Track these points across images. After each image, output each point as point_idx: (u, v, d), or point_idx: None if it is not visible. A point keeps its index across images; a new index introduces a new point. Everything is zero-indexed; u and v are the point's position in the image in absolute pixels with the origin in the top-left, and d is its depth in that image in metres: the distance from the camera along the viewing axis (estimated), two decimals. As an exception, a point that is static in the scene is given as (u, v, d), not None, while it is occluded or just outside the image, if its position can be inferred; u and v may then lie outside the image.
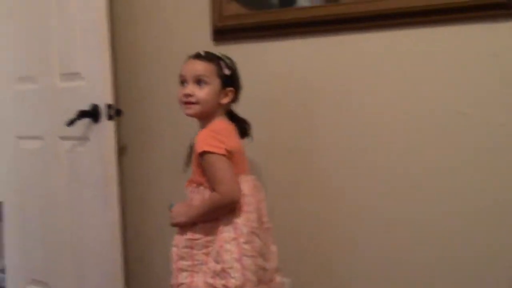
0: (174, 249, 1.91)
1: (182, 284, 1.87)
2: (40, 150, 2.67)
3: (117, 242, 2.43)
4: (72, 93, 2.51)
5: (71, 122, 2.41)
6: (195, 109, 1.90)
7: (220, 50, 2.33)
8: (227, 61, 1.94)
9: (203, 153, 1.83)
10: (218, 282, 1.81)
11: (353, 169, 2.14)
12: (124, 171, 2.67)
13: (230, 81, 1.93)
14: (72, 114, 2.41)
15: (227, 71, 1.92)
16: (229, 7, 2.32)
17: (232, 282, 1.79)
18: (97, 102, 2.41)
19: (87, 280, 2.54)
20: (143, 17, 2.60)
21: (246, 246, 1.83)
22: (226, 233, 1.84)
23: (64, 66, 2.53)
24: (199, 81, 1.89)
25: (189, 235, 1.89)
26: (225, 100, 1.93)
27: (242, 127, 2.01)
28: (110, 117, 2.40)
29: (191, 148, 1.99)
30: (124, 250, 2.48)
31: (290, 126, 2.26)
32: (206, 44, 2.35)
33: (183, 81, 1.93)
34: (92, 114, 2.42)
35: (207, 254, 1.86)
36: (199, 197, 1.90)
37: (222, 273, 1.81)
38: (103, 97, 2.39)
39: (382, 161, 2.09)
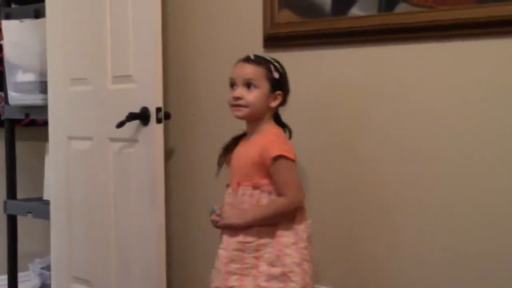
0: (222, 252, 1.90)
1: (231, 287, 1.87)
2: (90, 150, 2.71)
3: (161, 244, 2.45)
4: (123, 95, 2.55)
5: (120, 124, 2.44)
6: (244, 111, 1.92)
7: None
8: (276, 64, 1.96)
9: (277, 157, 1.84)
10: (275, 285, 1.83)
11: (403, 175, 2.11)
12: (170, 174, 2.69)
13: (279, 85, 1.94)
14: (122, 116, 2.44)
15: (276, 75, 1.93)
16: (281, 15, 2.33)
17: (292, 286, 1.82)
18: (147, 105, 2.44)
19: (129, 280, 2.57)
20: (195, 22, 2.63)
21: (305, 251, 1.86)
22: (285, 237, 1.85)
23: (116, 69, 2.58)
24: (248, 84, 1.91)
25: (241, 238, 1.88)
26: (274, 104, 1.95)
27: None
28: (159, 120, 2.42)
29: (227, 149, 2.01)
30: (167, 251, 2.50)
31: (341, 134, 2.24)
32: (257, 51, 2.35)
33: (232, 84, 1.95)
34: (142, 116, 2.45)
35: (257, 257, 1.86)
36: (251, 200, 1.90)
37: (281, 277, 1.82)
38: (153, 100, 2.43)
39: (436, 169, 2.05)
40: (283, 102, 1.98)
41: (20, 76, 2.99)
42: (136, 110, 2.45)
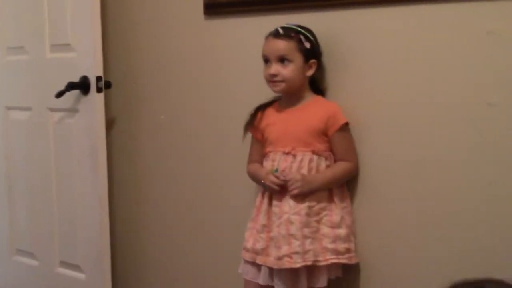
0: (296, 217, 1.92)
1: (309, 250, 1.92)
2: (29, 121, 2.67)
3: (105, 213, 2.44)
4: (62, 64, 2.51)
5: (60, 94, 2.41)
6: (281, 86, 1.97)
7: (211, 24, 2.34)
8: (306, 33, 1.98)
9: (345, 124, 1.95)
10: (341, 246, 1.94)
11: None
12: (112, 143, 2.66)
13: (312, 53, 1.98)
14: (61, 86, 2.40)
15: (307, 45, 1.97)
16: (221, -19, 2.30)
17: (352, 245, 1.98)
18: (87, 74, 2.41)
19: (73, 250, 2.56)
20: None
21: (351, 215, 2.00)
22: (340, 201, 1.97)
23: (54, 37, 2.53)
24: (282, 60, 1.95)
25: (307, 203, 1.93)
26: (309, 73, 1.99)
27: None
28: (99, 90, 2.39)
29: (253, 116, 2.04)
30: (110, 221, 2.49)
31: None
32: (197, 18, 2.34)
33: (266, 60, 1.99)
34: (82, 86, 2.42)
35: (318, 221, 1.94)
36: (310, 165, 1.94)
37: (346, 237, 1.95)
38: (93, 69, 2.39)
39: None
40: (318, 67, 2.01)
41: (-47, 45, 2.89)
42: (76, 79, 2.42)
